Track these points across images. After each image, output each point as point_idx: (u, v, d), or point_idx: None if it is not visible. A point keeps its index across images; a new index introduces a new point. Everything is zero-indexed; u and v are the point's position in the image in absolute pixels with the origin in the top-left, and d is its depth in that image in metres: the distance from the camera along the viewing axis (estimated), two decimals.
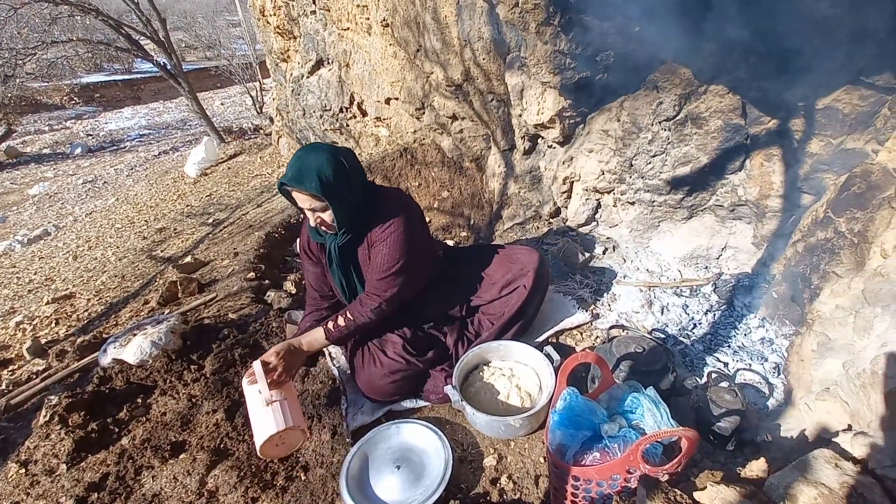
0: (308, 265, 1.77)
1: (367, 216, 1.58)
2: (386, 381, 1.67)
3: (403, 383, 1.69)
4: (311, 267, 1.76)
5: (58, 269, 4.35)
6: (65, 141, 9.42)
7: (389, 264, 1.57)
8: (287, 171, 1.45)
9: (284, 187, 1.47)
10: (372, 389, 1.69)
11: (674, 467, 1.07)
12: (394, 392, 1.69)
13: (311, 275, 1.78)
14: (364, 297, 1.62)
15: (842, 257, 1.58)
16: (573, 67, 2.23)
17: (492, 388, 1.68)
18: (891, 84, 1.64)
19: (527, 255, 1.89)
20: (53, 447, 1.62)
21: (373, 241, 1.59)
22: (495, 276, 1.88)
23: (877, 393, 1.05)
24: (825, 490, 0.91)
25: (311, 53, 4.33)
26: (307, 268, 1.78)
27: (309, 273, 1.78)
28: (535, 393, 1.66)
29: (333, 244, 1.62)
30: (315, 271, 1.76)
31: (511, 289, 1.84)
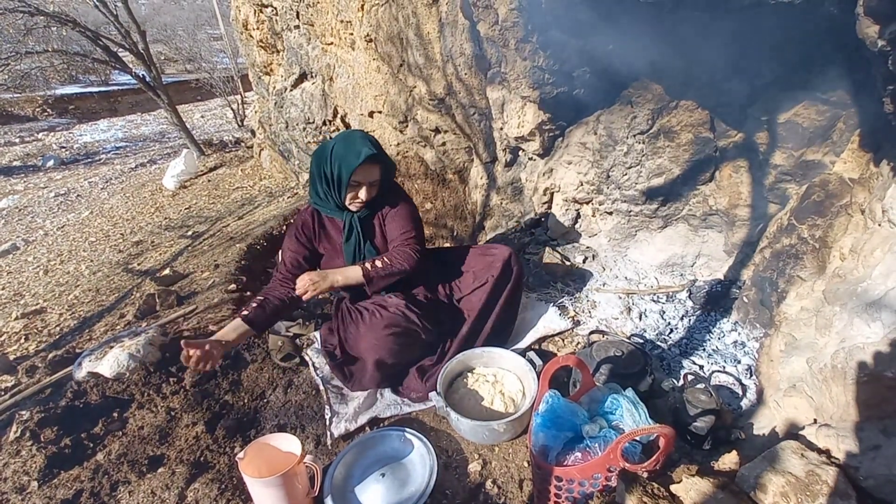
0: (293, 245, 1.81)
1: (385, 193, 1.80)
2: (385, 332, 1.69)
3: (402, 340, 1.71)
4: (295, 247, 1.80)
5: (27, 283, 4.20)
6: (36, 153, 9.17)
7: (410, 226, 1.79)
8: (355, 150, 1.63)
9: (364, 163, 1.62)
10: (369, 345, 1.71)
11: (652, 464, 1.11)
12: (391, 346, 1.70)
13: (290, 255, 1.80)
14: (398, 248, 1.74)
15: (805, 262, 1.67)
16: (551, 83, 2.32)
17: (476, 394, 1.70)
18: (844, 100, 1.76)
19: (498, 249, 1.94)
20: (24, 464, 1.57)
21: (385, 216, 1.81)
22: (469, 270, 1.94)
23: (837, 386, 1.12)
24: (792, 478, 0.96)
25: (295, 67, 4.36)
26: (290, 247, 1.81)
27: (289, 253, 1.81)
28: (519, 398, 1.69)
29: (353, 218, 1.77)
30: (298, 252, 1.80)
31: (482, 281, 1.88)
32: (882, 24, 1.01)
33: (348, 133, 1.73)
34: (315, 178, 1.74)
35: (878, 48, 1.05)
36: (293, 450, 1.38)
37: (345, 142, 1.67)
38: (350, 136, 1.70)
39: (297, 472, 1.32)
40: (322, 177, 1.70)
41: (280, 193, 4.89)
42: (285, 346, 2.01)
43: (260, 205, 4.66)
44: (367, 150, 1.63)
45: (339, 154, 1.65)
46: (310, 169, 1.76)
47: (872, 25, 1.03)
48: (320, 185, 1.73)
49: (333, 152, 1.66)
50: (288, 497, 1.31)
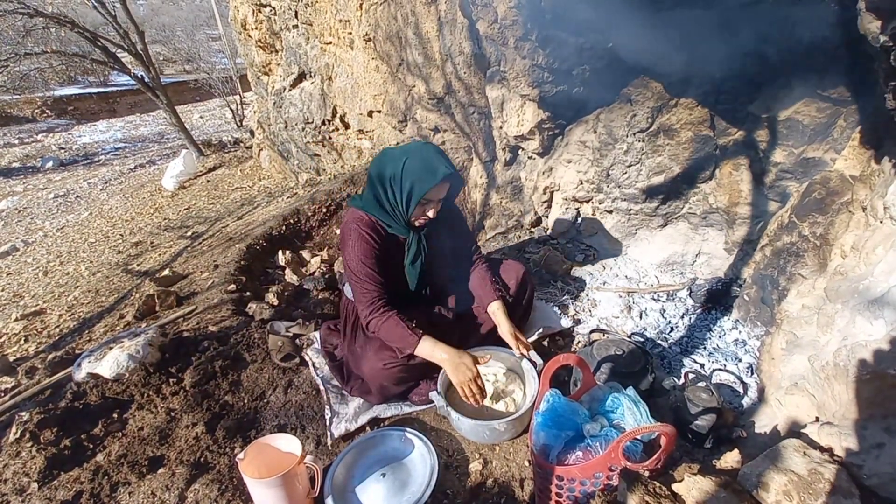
0: (371, 257, 1.63)
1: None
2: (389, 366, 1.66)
3: (406, 375, 1.69)
4: (373, 258, 1.64)
5: (27, 285, 4.20)
6: (35, 154, 9.16)
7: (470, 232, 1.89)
8: (431, 167, 1.55)
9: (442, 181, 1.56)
10: (373, 372, 1.68)
11: (653, 463, 1.10)
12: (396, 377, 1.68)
13: (373, 264, 1.63)
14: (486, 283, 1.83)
15: (806, 259, 1.67)
16: (551, 81, 2.31)
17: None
18: (845, 97, 1.75)
19: (513, 266, 1.96)
20: (24, 465, 1.56)
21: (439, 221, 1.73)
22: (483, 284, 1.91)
23: (839, 384, 1.11)
24: (794, 477, 0.95)
25: (294, 67, 4.35)
26: (369, 260, 1.63)
27: (372, 264, 1.63)
28: (520, 398, 1.68)
29: (420, 238, 1.71)
30: (377, 262, 1.64)
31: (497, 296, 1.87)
32: (884, 19, 1.01)
33: (421, 146, 1.61)
34: (378, 190, 1.62)
35: (879, 43, 1.04)
36: (293, 450, 1.38)
37: (420, 157, 1.56)
38: (424, 151, 1.59)
39: (297, 473, 1.32)
40: (389, 191, 1.60)
41: (279, 193, 4.88)
42: (285, 347, 2.00)
43: (259, 205, 4.65)
44: (444, 168, 1.54)
45: (413, 170, 1.55)
46: (370, 178, 1.64)
47: (874, 21, 1.03)
48: (386, 199, 1.62)
49: (406, 168, 1.55)
50: (288, 497, 1.30)
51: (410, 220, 1.64)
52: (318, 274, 2.79)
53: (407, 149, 1.61)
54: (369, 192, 1.66)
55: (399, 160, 1.58)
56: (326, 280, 2.67)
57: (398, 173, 1.57)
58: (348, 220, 1.68)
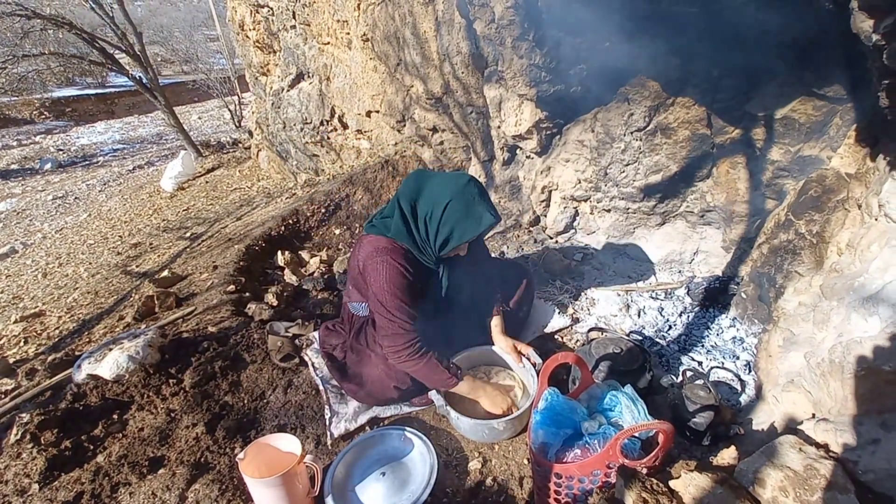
0: (410, 290, 1.54)
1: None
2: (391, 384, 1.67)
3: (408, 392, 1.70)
4: (412, 292, 1.55)
5: (26, 286, 4.20)
6: (34, 156, 9.14)
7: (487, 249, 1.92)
8: (475, 214, 1.47)
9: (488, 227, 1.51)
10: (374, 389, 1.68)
11: (651, 461, 1.11)
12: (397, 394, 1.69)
13: (411, 299, 1.54)
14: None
15: (803, 257, 1.68)
16: (548, 80, 2.32)
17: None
18: (840, 96, 1.76)
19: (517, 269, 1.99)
20: (25, 466, 1.57)
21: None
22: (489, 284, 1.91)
23: (835, 381, 1.12)
24: (790, 473, 0.96)
25: (292, 67, 4.36)
26: (407, 295, 1.53)
27: (409, 299, 1.53)
28: (519, 396, 1.69)
29: (446, 268, 1.66)
30: (414, 296, 1.56)
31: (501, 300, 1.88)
32: (877, 18, 1.01)
33: (465, 186, 1.47)
34: (409, 222, 1.52)
35: (872, 42, 1.05)
36: (293, 450, 1.39)
37: (464, 201, 1.45)
38: (468, 193, 1.47)
39: (297, 472, 1.32)
40: (423, 227, 1.51)
41: (278, 194, 4.88)
42: (284, 347, 2.01)
43: (258, 206, 4.66)
44: (488, 216, 1.46)
45: (455, 216, 1.45)
46: (400, 206, 1.53)
47: (867, 20, 1.03)
48: (417, 234, 1.53)
49: (449, 211, 1.45)
50: (288, 497, 1.31)
51: (440, 256, 1.58)
52: (317, 274, 2.79)
53: (448, 184, 1.49)
54: (399, 221, 1.53)
55: (440, 200, 1.46)
56: (325, 280, 2.67)
57: (438, 215, 1.47)
58: (373, 249, 1.53)
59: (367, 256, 1.55)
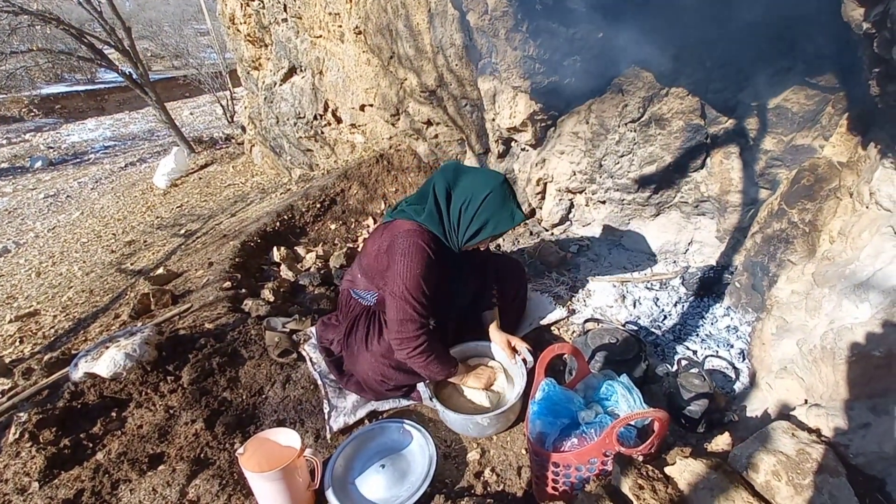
0: (432, 275, 1.53)
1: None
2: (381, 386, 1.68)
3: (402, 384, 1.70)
4: (433, 277, 1.54)
5: (20, 286, 4.18)
6: (24, 154, 9.04)
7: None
8: (509, 209, 1.53)
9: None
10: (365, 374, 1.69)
11: (647, 448, 1.13)
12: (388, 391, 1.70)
13: (429, 292, 1.53)
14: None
15: (796, 246, 1.69)
16: (542, 72, 2.31)
17: (464, 387, 1.70)
18: (832, 84, 1.77)
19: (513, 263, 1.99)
20: (24, 465, 1.56)
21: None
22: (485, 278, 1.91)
23: (827, 366, 1.14)
24: (783, 457, 0.98)
25: (284, 61, 4.32)
26: (432, 277, 1.53)
27: (429, 291, 1.53)
28: (507, 392, 1.70)
29: (464, 259, 1.70)
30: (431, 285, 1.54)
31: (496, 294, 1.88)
32: (867, 6, 1.02)
33: (502, 182, 1.54)
34: (443, 208, 1.55)
35: (863, 31, 1.06)
36: (293, 444, 1.39)
37: (501, 195, 1.52)
38: (504, 189, 1.53)
39: (297, 466, 1.33)
40: (455, 215, 1.54)
41: (272, 190, 4.87)
42: (282, 342, 2.01)
43: (253, 201, 4.64)
44: (521, 214, 1.54)
45: (493, 208, 1.50)
46: (433, 192, 1.56)
47: (857, 8, 1.04)
48: (448, 221, 1.56)
49: (487, 203, 1.50)
50: (289, 490, 1.32)
51: (463, 247, 1.60)
52: (313, 270, 2.79)
53: (487, 178, 1.55)
54: (433, 207, 1.55)
55: (480, 189, 1.51)
56: (322, 276, 2.67)
57: (476, 203, 1.51)
58: (405, 231, 1.53)
59: (394, 237, 1.54)
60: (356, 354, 1.74)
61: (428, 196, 1.58)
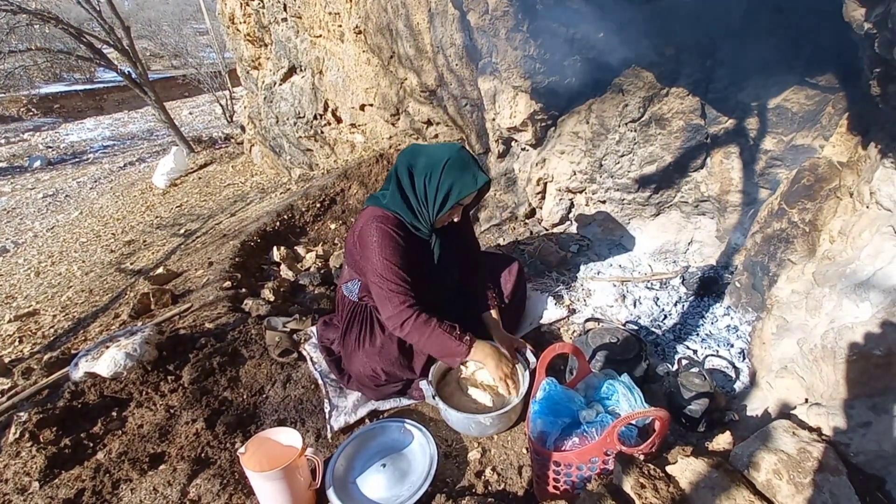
0: (401, 257, 1.56)
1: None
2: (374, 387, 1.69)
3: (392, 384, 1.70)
4: (403, 259, 1.56)
5: (19, 286, 4.17)
6: (23, 154, 9.03)
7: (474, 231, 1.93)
8: (471, 172, 1.55)
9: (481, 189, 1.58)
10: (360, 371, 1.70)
11: (648, 447, 1.13)
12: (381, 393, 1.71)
13: (404, 267, 1.55)
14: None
15: (796, 245, 1.69)
16: (543, 72, 2.31)
17: (466, 386, 1.70)
18: (832, 84, 1.77)
19: (510, 262, 1.98)
20: (25, 465, 1.56)
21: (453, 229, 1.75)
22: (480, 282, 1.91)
23: (827, 366, 1.14)
24: (784, 456, 0.98)
25: (284, 61, 4.32)
26: (398, 260, 1.55)
27: (402, 266, 1.55)
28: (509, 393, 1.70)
29: (438, 239, 1.70)
30: (405, 263, 1.57)
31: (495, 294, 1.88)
32: (868, 6, 1.02)
33: (459, 149, 1.57)
34: (407, 186, 1.57)
35: (864, 31, 1.06)
36: (294, 443, 1.39)
37: (461, 160, 1.54)
38: (464, 154, 1.57)
39: (298, 466, 1.33)
40: (421, 188, 1.55)
41: (272, 189, 4.86)
42: (283, 342, 2.01)
43: (252, 201, 4.64)
44: (483, 175, 1.55)
45: (454, 172, 1.52)
46: (397, 174, 1.59)
47: (858, 8, 1.04)
48: (415, 197, 1.57)
49: (448, 168, 1.51)
50: (290, 490, 1.32)
51: (436, 221, 1.60)
52: (313, 269, 2.79)
53: (444, 148, 1.57)
54: (395, 189, 1.59)
55: (438, 159, 1.53)
56: (322, 275, 2.67)
57: (437, 172, 1.52)
58: (367, 218, 1.58)
59: (362, 226, 1.60)
60: (350, 353, 1.75)
61: (391, 180, 1.62)
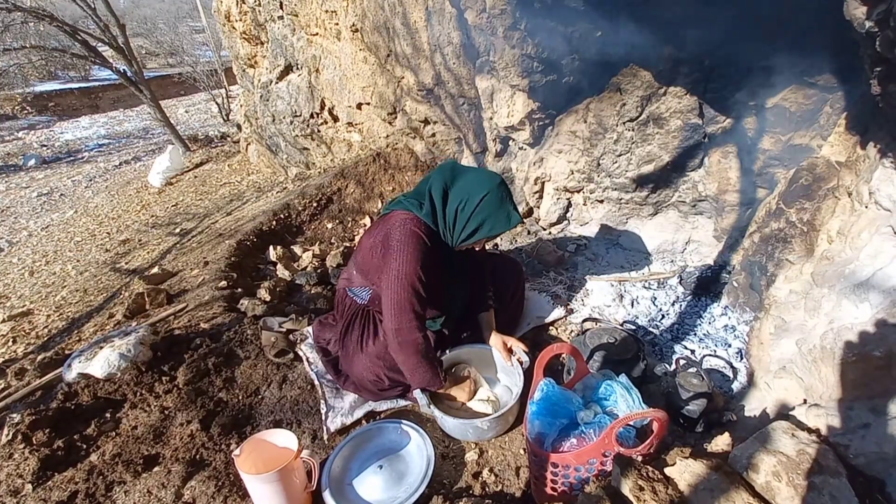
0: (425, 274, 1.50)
1: None
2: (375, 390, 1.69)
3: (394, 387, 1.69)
4: (426, 275, 1.50)
5: (12, 285, 4.13)
6: (17, 152, 8.95)
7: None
8: (506, 211, 1.53)
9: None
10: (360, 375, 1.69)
11: (646, 448, 1.12)
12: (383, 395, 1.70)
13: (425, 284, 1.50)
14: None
15: (794, 245, 1.69)
16: (540, 71, 2.30)
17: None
18: (831, 84, 1.77)
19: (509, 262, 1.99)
20: (18, 467, 1.55)
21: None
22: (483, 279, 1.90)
23: (826, 367, 1.14)
24: (783, 458, 0.98)
25: (280, 59, 4.29)
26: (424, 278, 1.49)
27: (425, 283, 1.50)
28: (504, 396, 1.69)
29: (459, 258, 1.69)
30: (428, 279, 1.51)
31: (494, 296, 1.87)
32: (870, 5, 1.01)
33: (499, 184, 1.53)
34: (438, 207, 1.54)
35: (865, 29, 1.05)
36: (289, 445, 1.38)
37: (498, 196, 1.51)
38: (501, 191, 1.53)
39: (293, 468, 1.32)
40: (451, 215, 1.53)
41: (269, 188, 4.84)
42: (279, 342, 2.00)
43: (248, 200, 4.61)
44: (517, 216, 1.53)
45: (489, 210, 1.49)
46: (431, 192, 1.55)
47: (860, 6, 1.03)
48: (443, 220, 1.55)
49: (484, 204, 1.49)
50: (285, 492, 1.31)
51: (459, 246, 1.59)
52: (310, 269, 2.77)
53: (484, 178, 1.54)
54: (428, 204, 1.55)
55: (476, 191, 1.50)
56: (319, 275, 2.65)
57: (472, 206, 1.50)
58: (404, 220, 1.51)
59: (390, 228, 1.52)
60: (351, 355, 1.73)
61: (424, 194, 1.57)
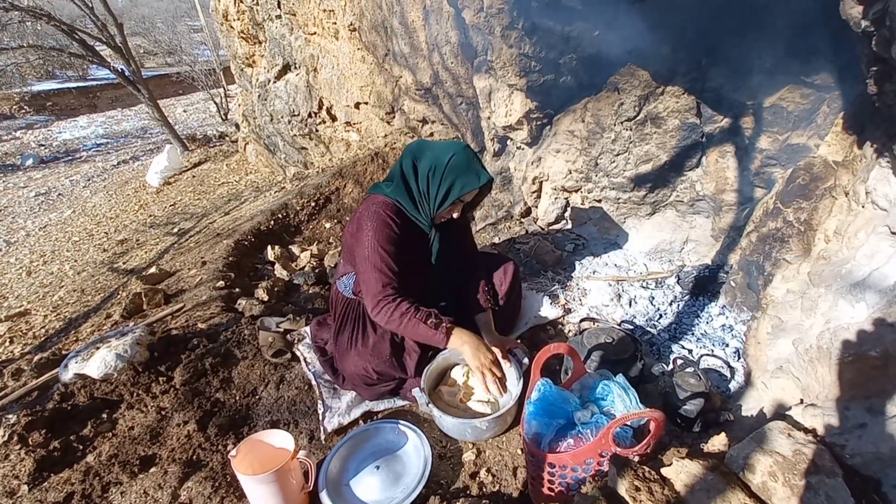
0: (392, 247, 1.55)
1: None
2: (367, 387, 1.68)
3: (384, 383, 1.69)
4: (396, 250, 1.55)
5: (10, 285, 4.12)
6: (15, 152, 8.93)
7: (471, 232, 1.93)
8: (474, 169, 1.57)
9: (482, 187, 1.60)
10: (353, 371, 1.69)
11: (643, 448, 1.12)
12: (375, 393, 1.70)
13: (394, 257, 1.54)
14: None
15: (791, 245, 1.69)
16: (538, 70, 2.30)
17: (459, 391, 1.69)
18: (828, 84, 1.77)
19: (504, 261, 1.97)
20: (13, 468, 1.54)
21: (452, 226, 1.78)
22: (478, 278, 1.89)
23: (823, 366, 1.14)
24: (780, 458, 0.98)
25: (278, 58, 4.28)
26: (389, 249, 1.54)
27: (392, 256, 1.54)
28: (503, 396, 1.68)
29: (438, 234, 1.72)
30: (398, 255, 1.56)
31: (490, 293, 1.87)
32: (866, 4, 1.01)
33: (465, 147, 1.60)
34: (410, 178, 1.59)
35: (861, 29, 1.05)
36: (286, 446, 1.38)
37: (465, 156, 1.56)
38: (469, 152, 1.59)
39: (290, 468, 1.31)
40: (424, 181, 1.58)
41: (267, 188, 4.83)
42: (276, 342, 1.99)
43: (247, 200, 4.60)
44: (486, 174, 1.58)
45: (458, 168, 1.54)
46: (402, 166, 1.61)
47: (856, 6, 1.03)
48: (417, 189, 1.59)
49: (452, 163, 1.54)
50: (282, 493, 1.31)
51: (436, 216, 1.62)
52: (308, 269, 2.77)
53: (448, 146, 1.60)
54: (399, 179, 1.60)
55: (443, 154, 1.56)
56: (316, 275, 2.65)
57: (441, 166, 1.54)
58: (368, 203, 1.59)
59: (362, 212, 1.61)
60: (343, 353, 1.74)
61: (397, 173, 1.63)
